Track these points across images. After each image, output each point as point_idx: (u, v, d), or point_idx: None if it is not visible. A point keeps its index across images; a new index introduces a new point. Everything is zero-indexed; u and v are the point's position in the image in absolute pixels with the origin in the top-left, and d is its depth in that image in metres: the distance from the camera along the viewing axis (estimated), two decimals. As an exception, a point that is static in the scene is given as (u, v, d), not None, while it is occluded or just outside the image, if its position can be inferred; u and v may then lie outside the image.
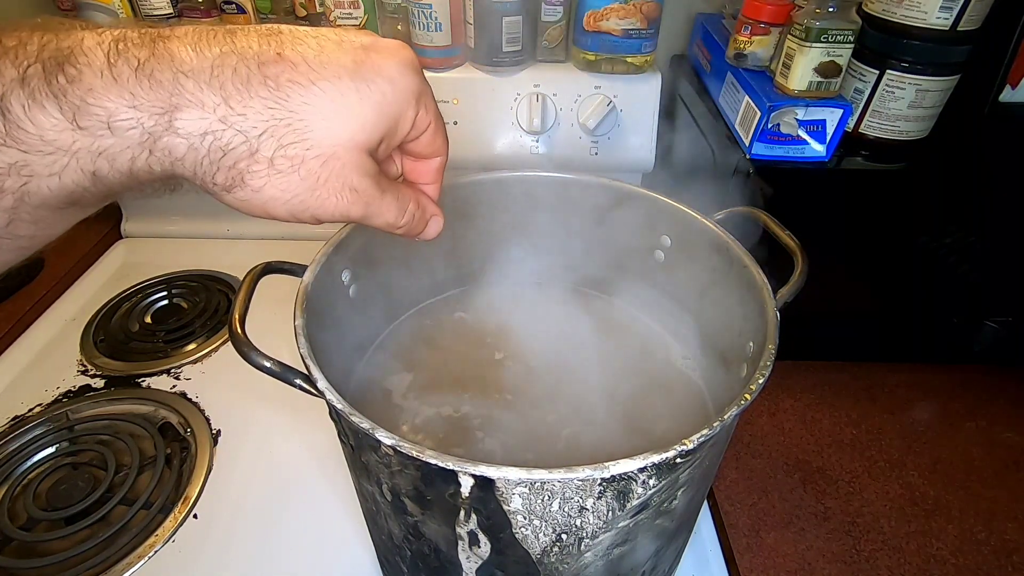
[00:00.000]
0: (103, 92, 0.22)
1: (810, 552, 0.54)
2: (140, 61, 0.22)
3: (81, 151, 0.22)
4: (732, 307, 0.42)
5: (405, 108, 0.27)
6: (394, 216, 0.30)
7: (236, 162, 0.24)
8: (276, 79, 0.24)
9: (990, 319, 0.66)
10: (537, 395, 0.47)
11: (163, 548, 0.49)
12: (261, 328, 0.37)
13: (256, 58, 0.24)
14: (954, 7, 0.51)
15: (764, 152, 0.57)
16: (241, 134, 0.24)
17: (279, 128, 0.24)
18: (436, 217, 0.34)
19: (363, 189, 0.27)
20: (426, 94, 0.29)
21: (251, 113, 0.23)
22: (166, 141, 0.23)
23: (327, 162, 0.25)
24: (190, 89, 0.23)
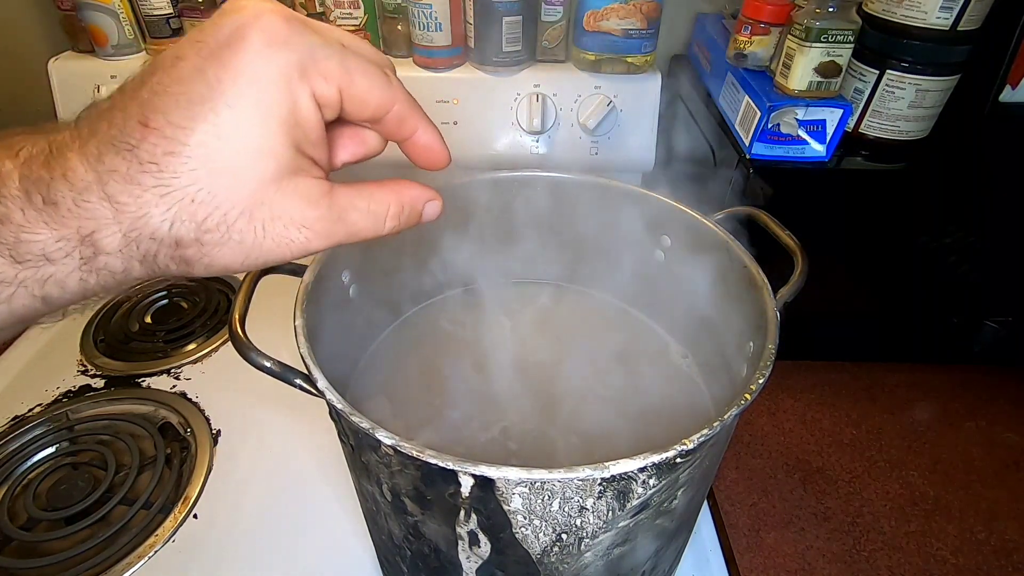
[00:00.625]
0: (31, 228, 0.21)
1: (810, 552, 0.54)
2: (47, 186, 0.21)
3: (27, 280, 0.22)
4: (732, 307, 0.42)
5: (293, 101, 0.23)
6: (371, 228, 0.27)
7: (170, 255, 0.23)
8: (153, 159, 0.21)
9: (990, 319, 0.66)
10: (537, 394, 0.47)
11: (163, 548, 0.49)
12: (261, 328, 0.37)
13: (127, 143, 0.21)
14: (954, 7, 0.51)
15: (764, 152, 0.57)
16: (151, 238, 0.22)
17: (184, 209, 0.22)
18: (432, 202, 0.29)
19: (314, 219, 0.24)
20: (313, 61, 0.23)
21: (151, 209, 0.22)
22: (102, 261, 0.22)
23: (252, 215, 0.23)
24: (91, 209, 0.21)
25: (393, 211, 0.27)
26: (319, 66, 0.23)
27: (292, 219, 0.24)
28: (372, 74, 0.25)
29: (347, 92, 0.24)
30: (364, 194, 0.26)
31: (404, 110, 0.27)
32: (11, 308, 0.22)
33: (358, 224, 0.26)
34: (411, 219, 0.28)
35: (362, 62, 0.24)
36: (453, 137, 0.74)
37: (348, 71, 0.24)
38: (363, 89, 0.24)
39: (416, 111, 0.28)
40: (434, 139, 0.29)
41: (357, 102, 0.25)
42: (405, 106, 0.27)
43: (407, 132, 0.28)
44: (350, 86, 0.24)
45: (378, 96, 0.25)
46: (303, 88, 0.23)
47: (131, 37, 0.73)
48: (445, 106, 0.72)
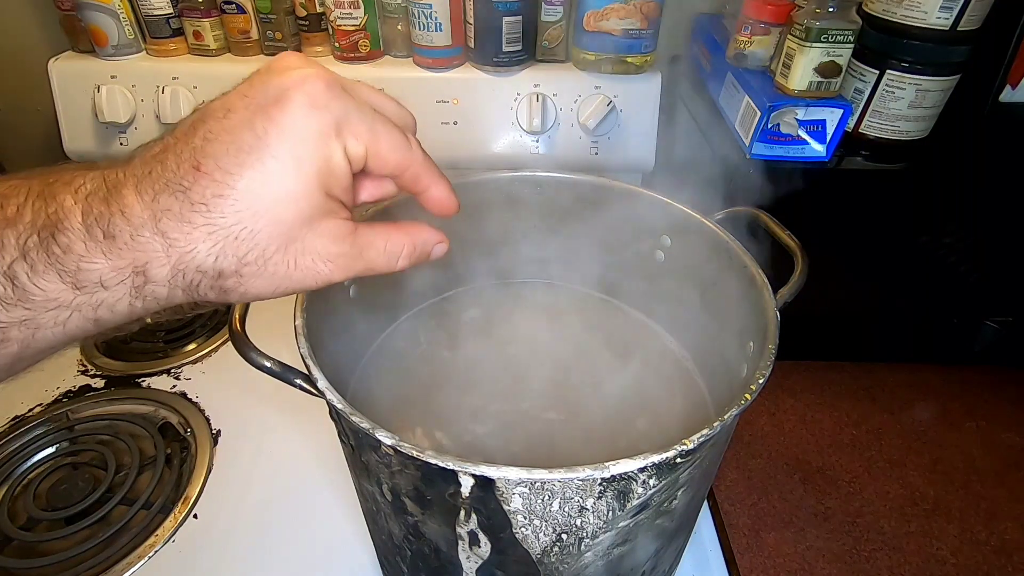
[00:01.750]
0: (91, 257, 0.24)
1: (810, 552, 0.54)
2: (107, 222, 0.24)
3: (83, 305, 0.24)
4: (732, 307, 0.42)
5: (328, 155, 0.26)
6: (385, 264, 0.30)
7: (211, 285, 0.25)
8: (203, 200, 0.24)
9: (990, 319, 0.66)
10: (537, 394, 0.47)
11: (163, 548, 0.49)
12: (261, 328, 0.37)
13: (180, 184, 0.24)
14: (954, 7, 0.51)
15: (764, 152, 0.57)
16: (197, 270, 0.25)
17: (228, 245, 0.25)
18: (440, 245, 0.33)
19: (336, 255, 0.27)
20: (347, 123, 0.26)
21: (199, 244, 0.24)
22: (150, 289, 0.25)
23: (287, 250, 0.26)
24: (145, 244, 0.24)
25: (406, 252, 0.30)
26: (352, 128, 0.26)
27: (319, 254, 0.27)
28: (395, 139, 0.28)
29: (372, 151, 0.28)
30: (382, 235, 0.30)
31: (419, 170, 0.30)
32: (66, 330, 0.25)
33: (375, 261, 0.29)
34: (420, 259, 0.32)
35: (388, 126, 0.28)
36: (453, 137, 0.74)
37: (375, 134, 0.27)
38: (385, 150, 0.28)
39: (430, 170, 0.31)
40: (444, 193, 0.32)
41: (380, 161, 0.28)
42: (421, 167, 0.30)
43: (421, 188, 0.31)
44: (375, 146, 0.28)
45: (397, 158, 0.29)
46: (337, 145, 0.26)
47: (131, 37, 0.73)
48: (445, 106, 0.72)
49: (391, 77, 0.72)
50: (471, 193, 0.50)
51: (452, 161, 0.74)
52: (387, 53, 0.75)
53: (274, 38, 0.73)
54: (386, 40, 0.74)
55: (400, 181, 0.31)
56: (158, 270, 0.24)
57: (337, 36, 0.71)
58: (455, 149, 0.74)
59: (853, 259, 0.63)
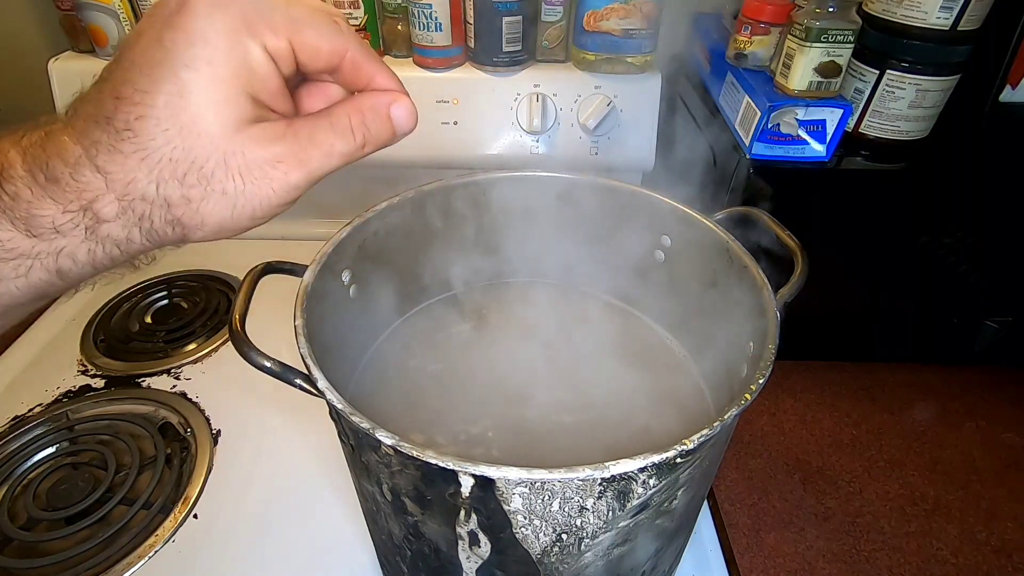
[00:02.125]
0: (39, 202, 0.23)
1: (810, 552, 0.54)
2: (46, 164, 0.23)
3: (41, 254, 0.24)
4: (732, 307, 0.42)
5: (243, 53, 0.24)
6: (343, 143, 0.27)
7: (164, 218, 0.24)
8: (129, 126, 0.23)
9: (990, 319, 0.66)
10: (536, 394, 0.47)
11: (163, 548, 0.49)
12: (261, 328, 0.37)
13: (104, 115, 0.23)
14: (954, 7, 0.51)
15: (764, 152, 0.57)
16: (142, 199, 0.24)
17: (166, 169, 0.24)
18: (397, 104, 0.28)
19: (282, 153, 0.25)
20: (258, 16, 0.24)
21: (136, 173, 0.24)
22: (104, 230, 0.24)
23: (227, 163, 0.24)
24: (86, 181, 0.23)
25: (355, 120, 0.27)
26: (264, 20, 0.24)
27: (265, 158, 0.25)
28: (320, 23, 0.26)
29: (297, 41, 0.25)
30: (323, 115, 0.27)
31: (358, 56, 0.27)
32: (29, 282, 0.24)
33: (327, 142, 0.27)
34: (382, 128, 0.28)
35: (309, 12, 0.26)
36: (453, 137, 0.74)
37: (295, 21, 0.25)
38: (312, 37, 0.26)
39: (371, 57, 0.28)
40: (392, 82, 0.29)
41: (309, 51, 0.26)
42: (358, 52, 0.27)
43: (364, 78, 0.28)
44: (299, 35, 0.25)
45: (329, 43, 0.26)
46: (252, 42, 0.24)
47: (131, 37, 0.73)
48: (445, 106, 0.72)
49: (391, 77, 0.72)
50: (470, 193, 0.50)
51: (452, 161, 0.75)
52: (387, 53, 0.75)
53: (274, 38, 0.73)
54: (386, 40, 0.74)
55: (341, 76, 0.28)
56: (106, 208, 0.24)
57: (337, 36, 0.71)
58: (455, 149, 0.74)
59: (853, 259, 0.63)
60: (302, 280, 0.38)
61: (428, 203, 0.48)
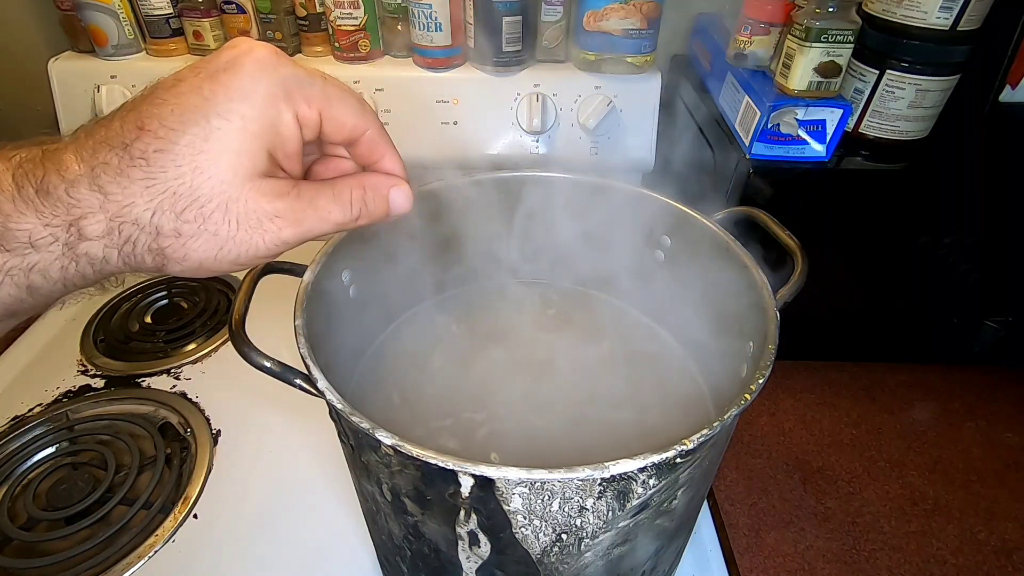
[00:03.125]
0: (19, 216, 0.23)
1: (810, 552, 0.54)
2: (39, 179, 0.24)
3: (13, 269, 0.24)
4: (732, 307, 0.42)
5: (275, 116, 0.26)
6: (340, 213, 0.29)
7: (148, 245, 0.25)
8: (145, 156, 0.24)
9: (990, 319, 0.66)
10: (537, 395, 0.47)
11: (163, 548, 0.49)
12: (261, 328, 0.37)
13: (122, 142, 0.24)
14: (954, 7, 0.51)
15: (764, 152, 0.57)
16: (133, 224, 0.24)
17: (166, 200, 0.24)
18: (397, 188, 0.31)
19: (282, 210, 0.26)
20: (297, 87, 0.26)
21: (136, 199, 0.24)
22: (83, 248, 0.24)
23: (228, 208, 0.25)
24: (81, 198, 0.24)
25: (356, 195, 0.29)
26: (303, 91, 0.27)
27: (264, 211, 0.26)
28: (349, 101, 0.29)
29: (327, 114, 0.28)
30: (328, 183, 0.29)
31: (376, 135, 0.30)
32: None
33: (326, 209, 0.28)
34: (378, 207, 0.31)
35: (342, 91, 0.28)
36: (453, 137, 0.74)
37: (328, 97, 0.28)
38: (340, 112, 0.28)
39: (386, 140, 0.31)
40: (398, 167, 0.32)
41: (335, 123, 0.28)
42: (377, 131, 0.30)
43: (376, 156, 0.31)
44: (329, 109, 0.28)
45: (353, 119, 0.29)
46: (287, 108, 0.26)
47: (131, 37, 0.73)
48: (445, 106, 0.72)
49: (391, 77, 0.72)
50: (471, 193, 0.50)
51: (452, 161, 0.74)
52: (387, 53, 0.75)
53: (274, 38, 0.73)
54: (386, 40, 0.74)
55: (356, 149, 0.30)
56: (93, 225, 0.24)
57: (337, 36, 0.71)
58: (455, 149, 0.74)
59: (853, 259, 0.63)
60: (302, 280, 0.38)
61: (428, 203, 0.48)
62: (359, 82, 0.71)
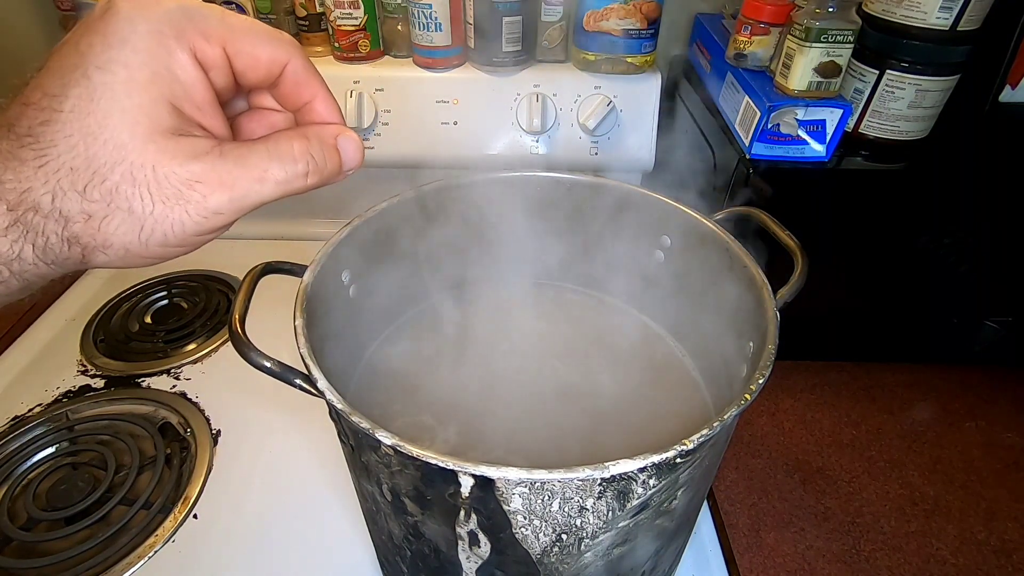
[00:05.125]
0: None
1: (810, 552, 0.54)
2: None
3: None
4: (732, 307, 0.42)
5: (165, 56, 0.22)
6: (281, 169, 0.24)
7: (61, 234, 0.22)
8: (31, 132, 0.21)
9: (990, 319, 0.66)
10: (537, 394, 0.47)
11: (163, 548, 0.49)
12: (261, 328, 0.37)
13: (7, 122, 0.22)
14: (954, 7, 0.51)
15: (764, 152, 0.57)
16: (35, 211, 0.21)
17: (64, 178, 0.21)
18: (343, 136, 0.26)
19: (202, 173, 0.22)
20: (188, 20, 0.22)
21: (32, 182, 0.21)
22: None
23: (134, 177, 0.22)
24: None
25: (299, 147, 0.25)
26: (197, 25, 0.23)
27: (179, 177, 0.22)
28: (259, 31, 0.24)
29: (232, 49, 0.23)
30: (261, 139, 0.25)
31: (300, 69, 0.25)
32: None
33: (262, 166, 0.24)
34: (329, 159, 0.26)
35: (248, 22, 0.24)
36: (453, 137, 0.74)
37: (231, 28, 0.23)
38: (249, 44, 0.24)
39: (314, 75, 0.26)
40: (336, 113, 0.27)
41: (246, 58, 0.24)
42: (300, 65, 0.25)
43: (307, 95, 0.26)
44: (235, 43, 0.23)
45: (269, 52, 0.24)
46: (180, 46, 0.22)
47: (131, 37, 0.73)
48: (445, 106, 0.72)
49: (391, 77, 0.72)
50: (471, 193, 0.50)
51: (452, 161, 0.75)
52: (387, 53, 0.75)
53: (274, 38, 0.73)
54: (386, 40, 0.74)
55: (280, 89, 0.26)
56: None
57: (337, 36, 0.71)
58: (455, 149, 0.74)
59: (853, 259, 0.63)
60: (302, 280, 0.38)
61: (428, 203, 0.48)
62: (359, 82, 0.71)
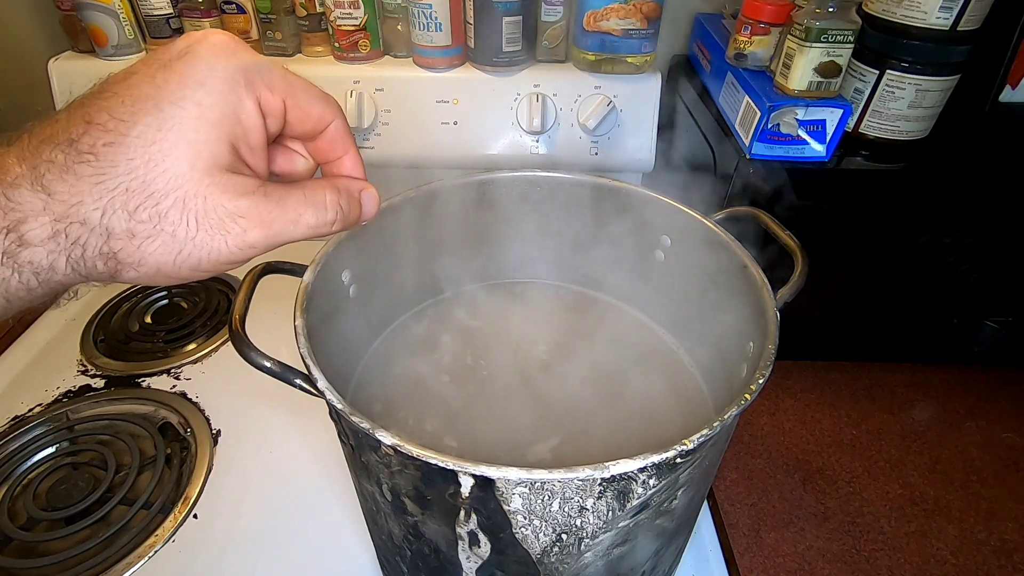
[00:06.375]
0: None
1: (810, 552, 0.54)
2: None
3: None
4: (732, 307, 0.42)
5: (235, 102, 0.24)
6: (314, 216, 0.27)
7: (100, 249, 0.23)
8: (93, 150, 0.22)
9: (990, 319, 0.66)
10: (537, 395, 0.47)
11: (163, 548, 0.49)
12: (261, 328, 0.37)
13: (68, 137, 0.22)
14: (954, 7, 0.51)
15: (764, 152, 0.57)
16: (82, 224, 0.22)
17: (118, 198, 0.22)
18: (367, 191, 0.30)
19: (247, 209, 0.24)
20: (258, 73, 0.25)
21: (85, 197, 0.22)
22: (26, 256, 0.22)
23: (186, 204, 0.23)
24: (21, 200, 0.22)
25: (331, 198, 0.28)
26: (264, 78, 0.25)
27: (226, 210, 0.24)
28: (312, 91, 0.27)
29: (291, 103, 0.26)
30: (298, 185, 0.27)
31: (342, 128, 0.29)
32: None
33: (298, 211, 0.26)
34: (352, 210, 0.29)
35: (303, 80, 0.27)
36: (453, 137, 0.74)
37: (291, 85, 0.26)
38: (305, 101, 0.27)
39: (350, 135, 0.30)
40: (361, 170, 0.30)
41: (300, 112, 0.27)
42: (342, 124, 0.29)
43: (339, 152, 0.30)
44: (294, 96, 0.26)
45: (319, 109, 0.28)
46: (248, 94, 0.24)
47: (131, 37, 0.73)
48: (445, 106, 0.72)
49: (391, 77, 0.72)
50: (471, 193, 0.50)
51: (452, 161, 0.75)
52: (387, 53, 0.75)
53: (274, 38, 0.74)
54: (386, 40, 0.74)
55: (318, 144, 0.29)
56: (36, 231, 0.22)
57: (337, 36, 0.71)
58: (455, 149, 0.74)
59: (853, 259, 0.63)
60: (302, 280, 0.38)
61: (428, 203, 0.48)
62: (359, 82, 0.71)
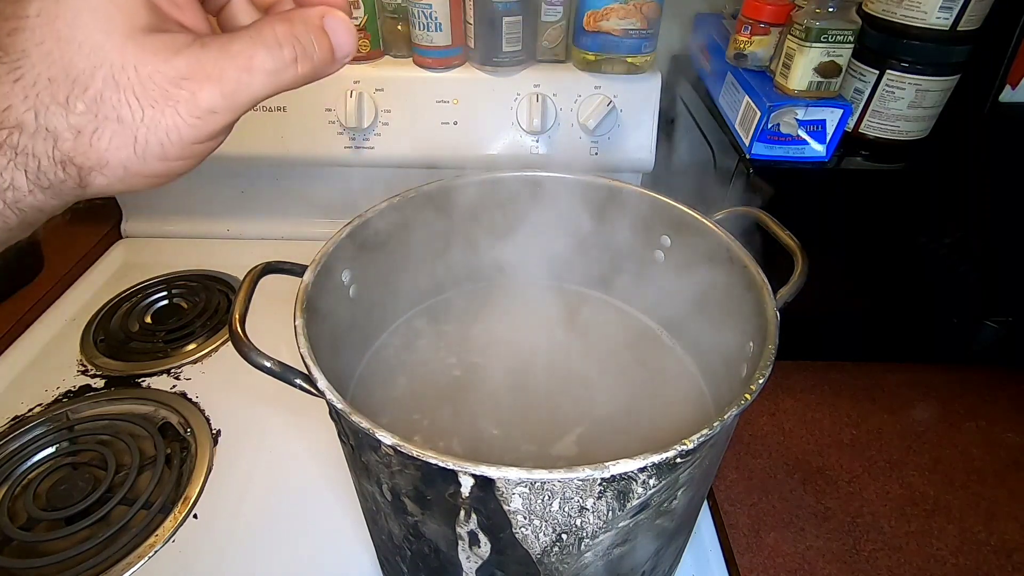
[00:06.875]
0: None
1: (810, 552, 0.54)
2: None
3: None
4: (732, 307, 0.42)
5: None
6: (267, 56, 0.22)
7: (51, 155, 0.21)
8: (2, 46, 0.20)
9: (990, 319, 0.66)
10: (537, 395, 0.47)
11: (163, 548, 0.49)
12: (261, 328, 0.37)
13: None
14: (954, 7, 0.51)
15: (764, 152, 0.57)
16: (19, 130, 0.20)
17: (44, 92, 0.20)
18: (331, 16, 0.24)
19: (187, 68, 0.21)
20: None
21: (12, 100, 0.20)
22: None
23: (117, 81, 0.20)
24: None
25: (282, 30, 0.23)
26: None
27: (164, 75, 0.21)
28: None
29: None
30: (243, 28, 0.23)
31: None
32: None
33: (246, 54, 0.22)
34: (318, 45, 0.24)
35: None
36: (453, 137, 0.74)
37: None
38: None
39: None
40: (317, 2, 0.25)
41: None
42: None
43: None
44: None
45: None
46: None
47: (131, 37, 0.73)
48: (445, 106, 0.72)
49: (391, 77, 0.72)
50: (471, 193, 0.50)
51: (452, 161, 0.75)
52: (387, 53, 0.75)
53: (274, 38, 0.73)
54: (386, 40, 0.74)
55: None
56: None
57: (337, 36, 0.71)
58: (455, 149, 0.74)
59: (853, 259, 0.63)
60: (302, 280, 0.38)
61: (428, 203, 0.48)
62: (359, 82, 0.71)
